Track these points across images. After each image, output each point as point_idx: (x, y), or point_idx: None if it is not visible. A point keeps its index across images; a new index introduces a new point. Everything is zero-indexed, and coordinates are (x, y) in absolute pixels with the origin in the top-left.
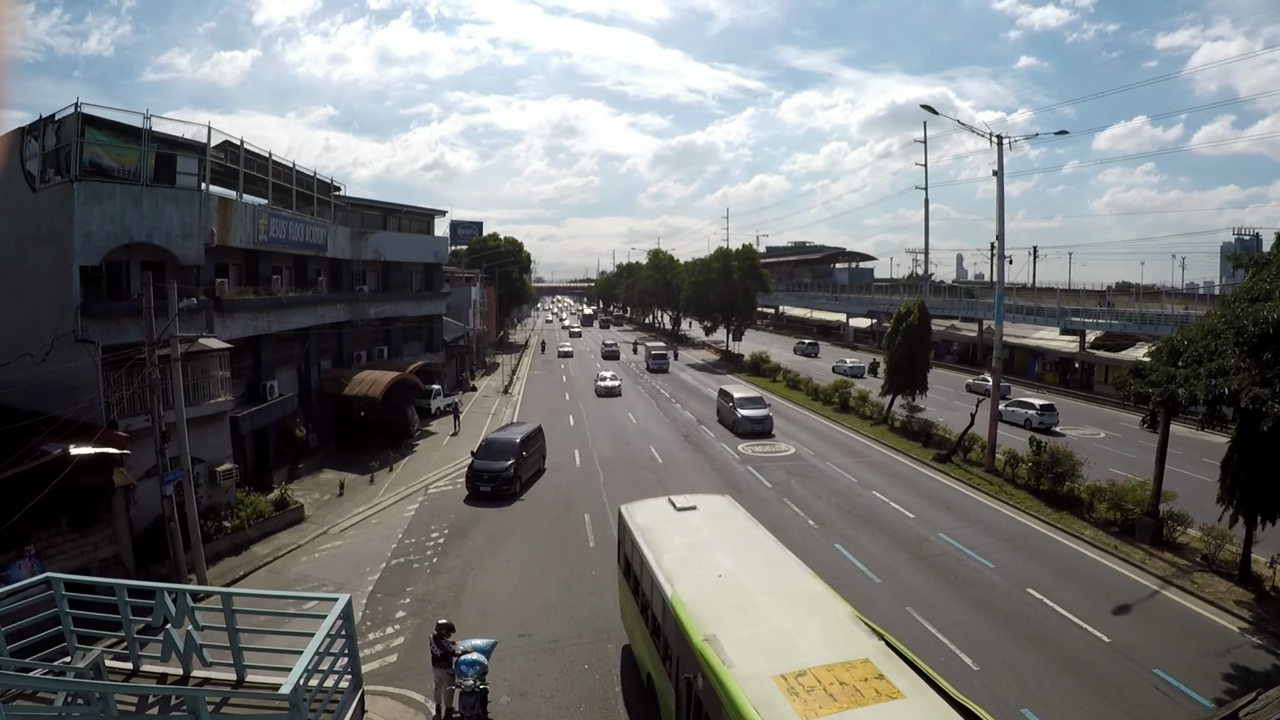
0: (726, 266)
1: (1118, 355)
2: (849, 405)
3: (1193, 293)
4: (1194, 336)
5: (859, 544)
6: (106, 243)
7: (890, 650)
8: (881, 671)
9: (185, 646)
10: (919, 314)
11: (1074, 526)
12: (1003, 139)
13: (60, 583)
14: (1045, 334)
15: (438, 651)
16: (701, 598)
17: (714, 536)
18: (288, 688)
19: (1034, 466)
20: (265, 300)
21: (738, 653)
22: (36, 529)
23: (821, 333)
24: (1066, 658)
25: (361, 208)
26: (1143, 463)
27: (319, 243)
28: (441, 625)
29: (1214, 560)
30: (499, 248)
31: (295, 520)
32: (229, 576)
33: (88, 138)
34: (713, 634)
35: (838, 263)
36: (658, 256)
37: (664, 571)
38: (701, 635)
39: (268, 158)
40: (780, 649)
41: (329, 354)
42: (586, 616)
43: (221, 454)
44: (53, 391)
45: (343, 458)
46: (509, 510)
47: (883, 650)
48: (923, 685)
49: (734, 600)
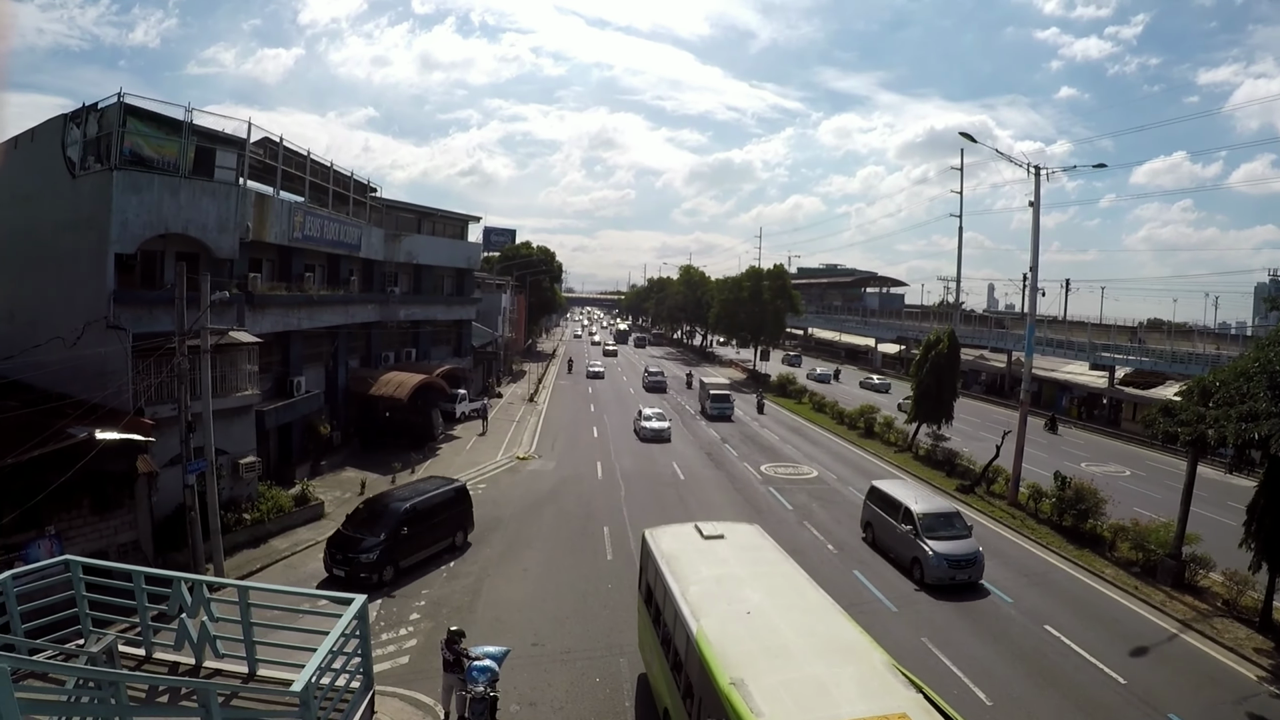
0: (757, 286)
1: (1146, 393)
2: (874, 431)
3: (1224, 332)
4: (1226, 378)
5: (877, 572)
6: (142, 232)
7: (929, 704)
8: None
9: (199, 637)
10: (949, 343)
11: (1095, 565)
12: (1040, 170)
13: (79, 565)
14: (1074, 368)
15: (449, 657)
16: (729, 636)
17: (743, 569)
18: (299, 685)
19: (1057, 502)
20: (297, 297)
21: (767, 700)
22: (58, 510)
23: (849, 356)
24: (1082, 698)
25: (396, 210)
26: (1168, 503)
27: (353, 242)
28: (453, 631)
29: (1235, 606)
30: (531, 256)
31: (315, 516)
32: (246, 568)
33: (129, 128)
34: (740, 678)
35: (869, 287)
36: (689, 272)
37: (689, 605)
38: (728, 678)
39: (306, 156)
40: (812, 699)
41: (357, 353)
42: (600, 629)
43: (245, 447)
44: (82, 376)
45: (366, 457)
46: (528, 519)
47: (921, 704)
48: None
49: (763, 641)
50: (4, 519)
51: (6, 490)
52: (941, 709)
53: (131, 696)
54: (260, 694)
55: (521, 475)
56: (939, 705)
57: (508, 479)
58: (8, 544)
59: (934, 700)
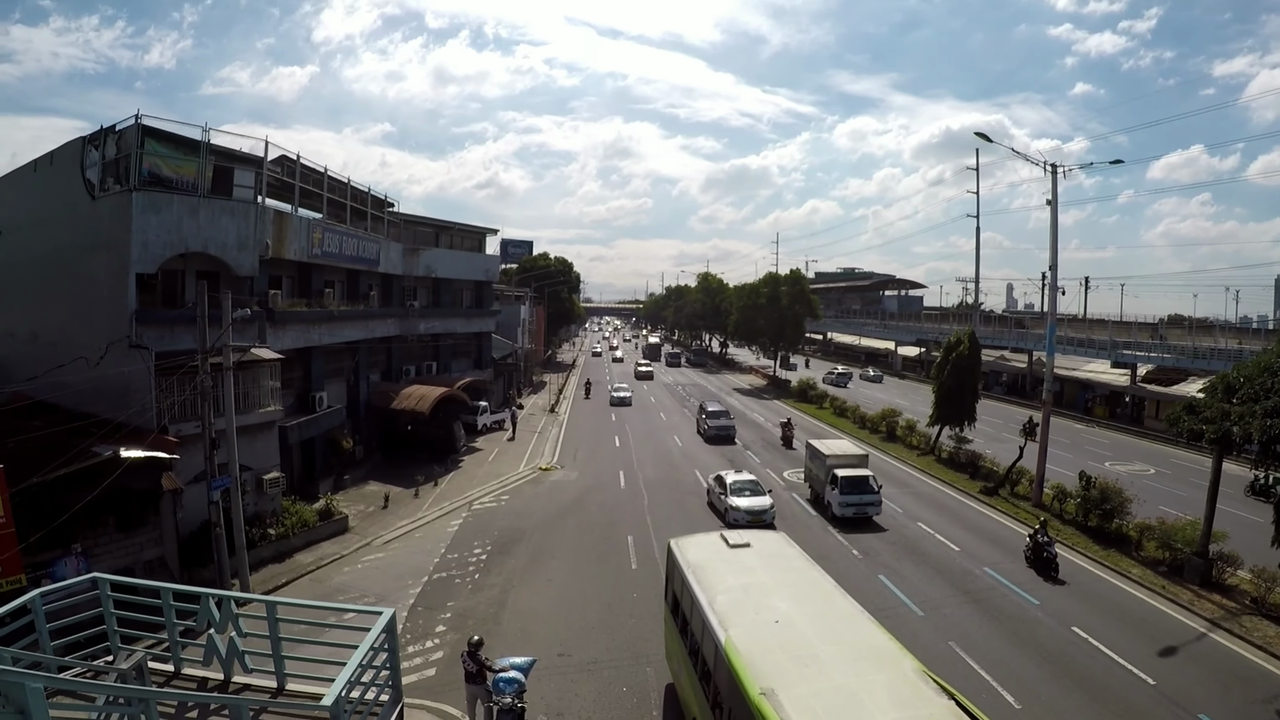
0: (775, 291)
1: (1169, 390)
2: (895, 434)
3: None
4: (1250, 373)
5: (903, 575)
6: (163, 251)
7: (961, 711)
8: None
9: (227, 652)
10: (969, 344)
11: (1121, 564)
12: (1057, 168)
13: (106, 583)
14: (1095, 366)
15: (471, 667)
16: (758, 646)
17: (770, 577)
18: (330, 699)
19: (1082, 502)
20: (317, 313)
21: (798, 710)
22: (84, 528)
23: (869, 360)
24: (1110, 699)
25: (414, 224)
26: (1193, 501)
27: (371, 258)
28: (473, 641)
29: (1264, 603)
30: (549, 267)
31: (339, 530)
32: (271, 583)
33: (147, 148)
34: (770, 688)
35: (887, 290)
36: (707, 280)
37: (717, 614)
38: (758, 688)
39: (323, 173)
40: (844, 708)
41: (378, 367)
42: (626, 639)
43: (269, 462)
44: (105, 395)
45: (388, 470)
46: (552, 529)
47: (954, 711)
48: None
49: (793, 650)
50: (31, 538)
51: (33, 509)
52: (975, 716)
53: (161, 713)
54: (290, 708)
55: (544, 486)
56: (971, 712)
57: (530, 490)
58: (35, 562)
59: (966, 707)
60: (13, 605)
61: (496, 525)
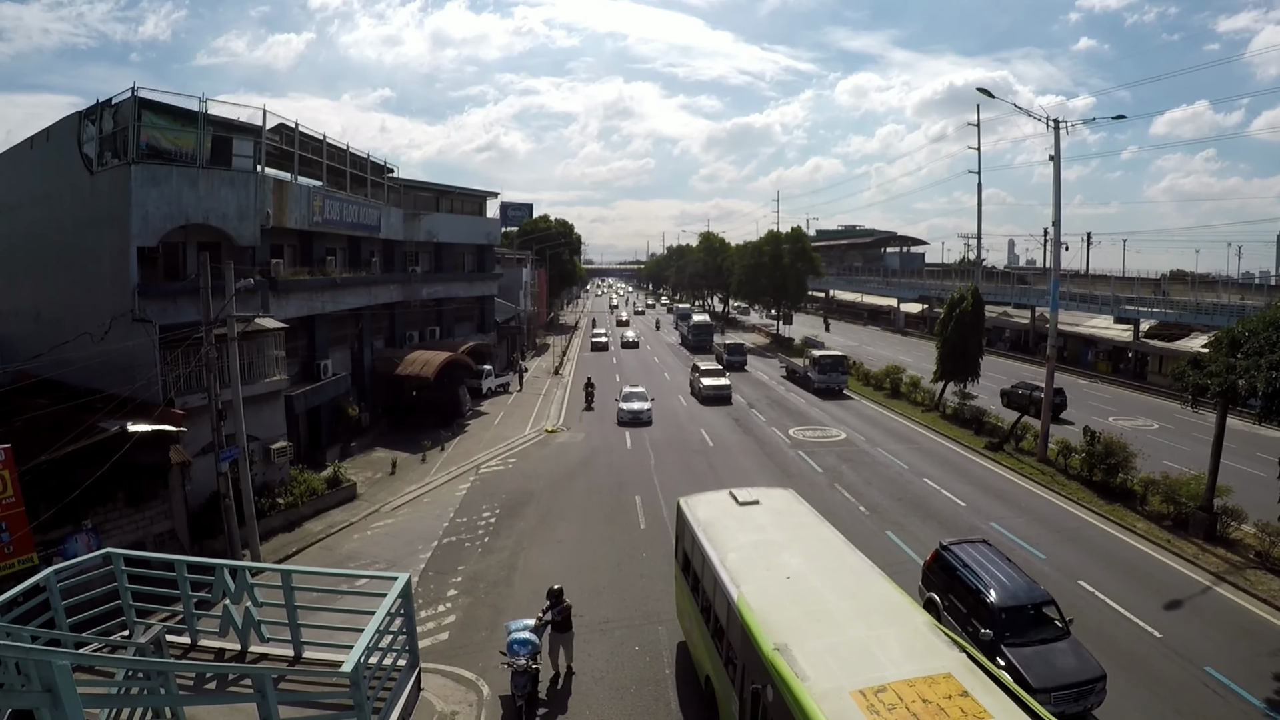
0: (777, 250)
1: (1172, 345)
2: (900, 391)
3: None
4: (1255, 327)
5: (910, 531)
6: (163, 224)
7: (972, 663)
8: (965, 688)
9: (243, 622)
10: (972, 300)
11: (1126, 519)
12: (1059, 123)
13: (120, 557)
14: (1098, 322)
15: (557, 617)
16: (770, 602)
17: (780, 534)
18: (349, 665)
19: (1087, 457)
20: (320, 281)
21: (812, 665)
22: (94, 504)
23: (872, 317)
24: (1117, 652)
25: (414, 189)
26: (1197, 455)
27: (372, 224)
28: (554, 591)
29: (1268, 557)
30: (549, 229)
31: (348, 498)
32: (282, 552)
33: (145, 121)
34: (784, 643)
35: (889, 247)
36: (709, 239)
37: (728, 572)
38: (772, 644)
39: (322, 140)
40: (857, 661)
41: (382, 334)
42: (636, 598)
43: (276, 432)
44: (111, 370)
45: (395, 437)
46: (560, 491)
47: (965, 664)
48: (1009, 704)
49: (805, 606)
50: (41, 515)
51: (43, 487)
52: (985, 667)
53: (180, 684)
54: (309, 676)
55: (551, 448)
56: (982, 664)
57: (537, 452)
58: (46, 540)
59: (977, 659)
60: (27, 584)
61: (504, 488)
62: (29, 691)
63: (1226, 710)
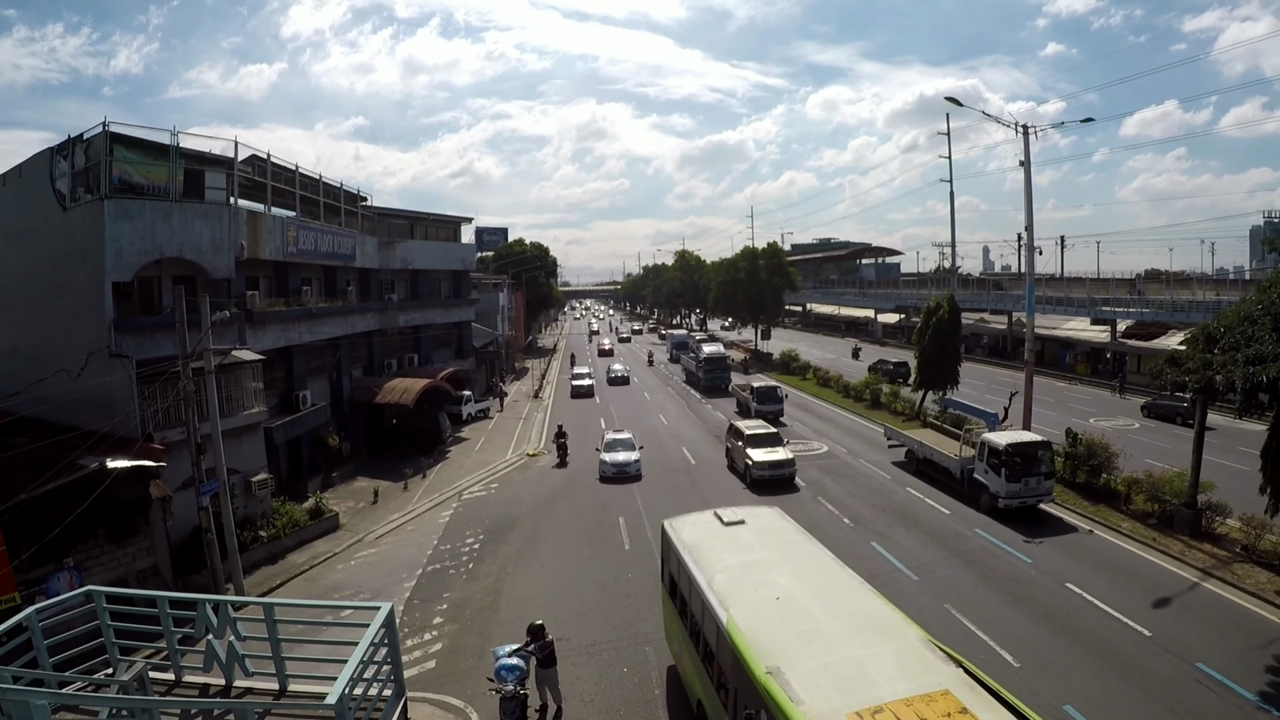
0: (753, 265)
1: (1150, 344)
2: (880, 402)
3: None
4: (1230, 323)
5: (895, 541)
6: (138, 259)
7: (970, 679)
8: (964, 705)
9: (227, 656)
10: (949, 308)
11: (1111, 519)
12: (1028, 129)
13: (101, 595)
14: (1075, 324)
15: (541, 654)
16: (760, 624)
17: (767, 553)
18: (333, 697)
19: (1069, 459)
20: (296, 311)
21: (806, 687)
22: (75, 542)
23: (850, 329)
24: (1108, 653)
25: (389, 217)
26: (1179, 453)
27: (347, 253)
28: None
29: (1254, 550)
30: (525, 253)
31: (330, 528)
32: (266, 585)
33: (116, 156)
34: (776, 665)
35: (864, 258)
36: (684, 257)
37: (716, 594)
38: (764, 667)
39: (294, 170)
40: (852, 681)
41: (360, 363)
42: (623, 619)
43: (256, 464)
44: (89, 406)
45: (376, 465)
46: (543, 515)
47: (962, 679)
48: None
49: (796, 626)
50: (22, 554)
51: (23, 526)
52: (983, 681)
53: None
54: (294, 709)
55: (533, 472)
56: (980, 678)
57: (519, 476)
58: (28, 579)
59: (974, 673)
60: (9, 624)
61: (487, 514)
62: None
63: (1219, 705)
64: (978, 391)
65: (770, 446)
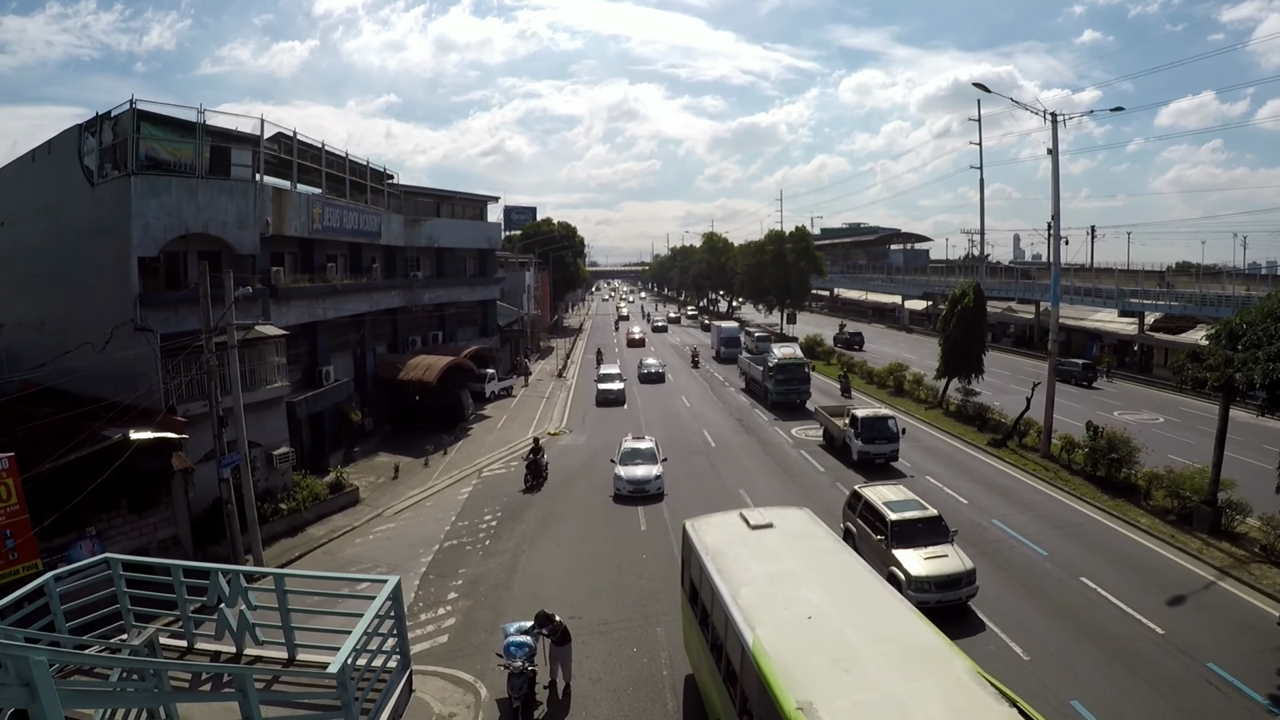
0: (780, 249)
1: (1177, 338)
2: (904, 389)
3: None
4: (1253, 320)
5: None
6: (164, 234)
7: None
8: None
9: (238, 625)
10: (974, 296)
11: (1130, 514)
12: (1056, 116)
13: (118, 563)
14: (1103, 316)
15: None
16: (790, 648)
17: (797, 564)
18: (335, 667)
19: (1090, 452)
20: (320, 288)
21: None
22: (97, 511)
23: (876, 315)
24: (1119, 649)
25: (414, 195)
26: (1202, 449)
27: (373, 230)
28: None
29: (1273, 551)
30: (552, 233)
31: (350, 503)
32: (285, 557)
33: (143, 133)
34: (809, 700)
35: (893, 244)
36: (712, 240)
37: (741, 610)
38: (794, 702)
39: (320, 148)
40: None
41: (384, 339)
42: (635, 600)
43: (278, 438)
44: (113, 379)
45: (397, 441)
46: (561, 494)
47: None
48: None
49: (830, 653)
50: (45, 522)
51: (46, 495)
52: None
53: (175, 685)
54: (299, 677)
55: (553, 451)
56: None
57: None
58: (51, 547)
59: (1029, 714)
60: (28, 588)
61: (506, 492)
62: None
63: (1229, 707)
64: (1002, 381)
65: (932, 544)
